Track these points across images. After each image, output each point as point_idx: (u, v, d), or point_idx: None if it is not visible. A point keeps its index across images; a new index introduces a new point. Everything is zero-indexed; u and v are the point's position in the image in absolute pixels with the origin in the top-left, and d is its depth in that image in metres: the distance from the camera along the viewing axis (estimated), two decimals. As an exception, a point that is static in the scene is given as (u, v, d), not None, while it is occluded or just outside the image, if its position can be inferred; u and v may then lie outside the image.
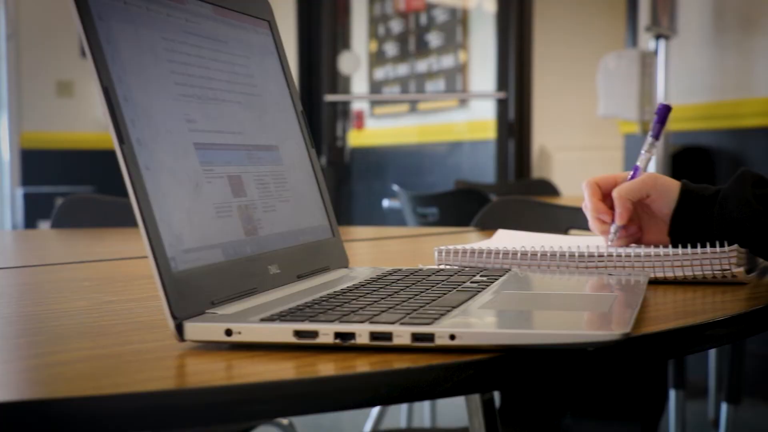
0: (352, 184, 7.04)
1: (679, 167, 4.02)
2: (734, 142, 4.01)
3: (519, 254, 1.02)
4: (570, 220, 1.79)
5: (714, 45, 4.10)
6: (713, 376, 3.26)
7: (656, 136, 1.15)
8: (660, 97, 3.95)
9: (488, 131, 5.61)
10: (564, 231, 1.75)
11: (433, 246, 1.09)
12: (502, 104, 5.38)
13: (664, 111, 1.15)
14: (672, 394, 2.68)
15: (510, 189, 4.37)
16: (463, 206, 2.78)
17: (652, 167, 3.91)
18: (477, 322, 0.68)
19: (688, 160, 4.10)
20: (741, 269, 0.97)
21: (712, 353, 3.32)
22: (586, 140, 5.91)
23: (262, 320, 0.67)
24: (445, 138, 6.28)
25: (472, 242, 1.17)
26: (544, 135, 5.87)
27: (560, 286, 0.92)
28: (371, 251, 1.55)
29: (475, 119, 5.95)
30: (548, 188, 4.18)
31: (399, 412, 3.00)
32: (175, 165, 0.72)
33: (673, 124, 4.09)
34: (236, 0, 0.91)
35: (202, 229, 0.73)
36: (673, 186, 1.09)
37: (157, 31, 0.76)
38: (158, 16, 0.77)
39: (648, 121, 3.98)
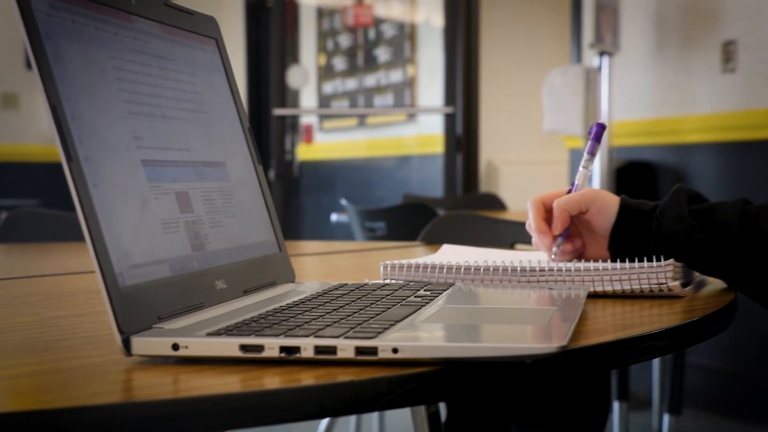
0: (301, 198, 7.05)
1: (622, 182, 4.09)
2: (676, 157, 4.09)
3: (463, 269, 1.04)
4: (515, 234, 1.82)
5: (656, 62, 4.18)
6: (657, 388, 3.31)
7: (592, 153, 1.18)
8: (604, 113, 4.02)
9: (436, 145, 5.65)
10: (509, 245, 1.78)
11: (380, 260, 1.11)
12: (449, 119, 5.42)
13: (599, 129, 1.18)
14: (616, 405, 2.73)
15: (457, 203, 4.41)
16: (410, 220, 2.80)
17: (597, 181, 3.97)
18: (420, 336, 0.70)
19: (632, 174, 4.16)
20: (677, 283, 1.00)
21: (656, 365, 3.37)
22: (533, 155, 5.98)
23: (209, 335, 0.68)
24: (393, 152, 6.31)
25: (418, 256, 1.19)
26: (491, 149, 5.93)
27: (502, 300, 0.94)
28: (319, 266, 1.57)
29: (423, 133, 5.99)
30: (495, 202, 4.23)
31: (348, 424, 3.01)
32: (123, 182, 0.73)
33: (617, 140, 4.16)
34: (184, 18, 0.92)
35: (149, 244, 0.74)
36: (613, 201, 1.11)
37: (105, 49, 0.77)
38: (106, 34, 0.77)
39: (593, 137, 4.03)
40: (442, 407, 1.59)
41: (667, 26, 4.13)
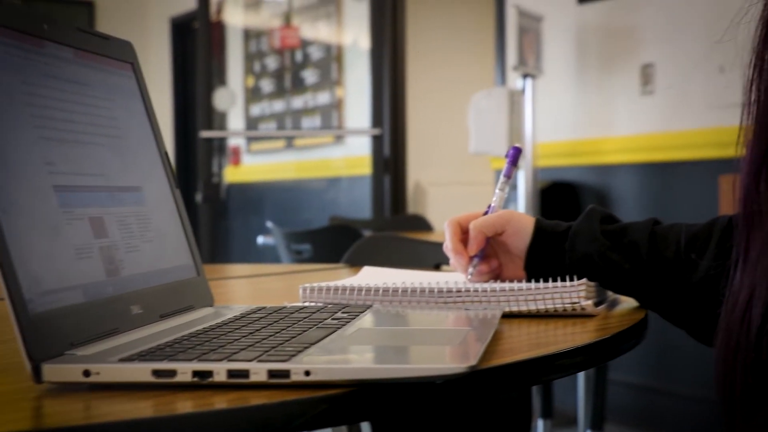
0: (229, 221, 7.01)
1: (547, 202, 4.15)
2: (598, 177, 4.17)
3: (381, 291, 1.05)
4: (438, 255, 1.84)
5: (578, 84, 4.26)
6: (582, 405, 3.36)
7: (508, 176, 1.20)
8: (528, 134, 4.07)
9: (364, 167, 5.67)
10: (433, 266, 1.80)
11: (304, 283, 1.11)
12: (377, 140, 5.45)
13: (515, 153, 1.20)
14: (540, 423, 2.76)
15: (385, 224, 4.43)
16: (336, 242, 2.81)
17: (521, 201, 4.03)
18: (332, 359, 0.71)
19: (556, 194, 4.23)
20: (590, 302, 1.02)
21: (581, 382, 3.42)
22: (460, 176, 6.03)
23: (121, 360, 0.68)
24: (322, 174, 6.31)
25: (341, 278, 1.19)
26: (419, 171, 5.97)
27: (417, 321, 0.95)
28: (243, 289, 1.56)
29: (351, 155, 6.01)
30: (422, 223, 4.26)
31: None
32: (33, 208, 0.72)
33: (541, 160, 4.22)
34: (98, 43, 0.92)
35: (61, 270, 0.74)
36: (528, 223, 1.14)
37: (16, 74, 0.76)
38: (17, 60, 0.77)
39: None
40: (366, 427, 1.60)
41: (588, 49, 4.21)
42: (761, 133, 0.79)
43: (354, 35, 5.95)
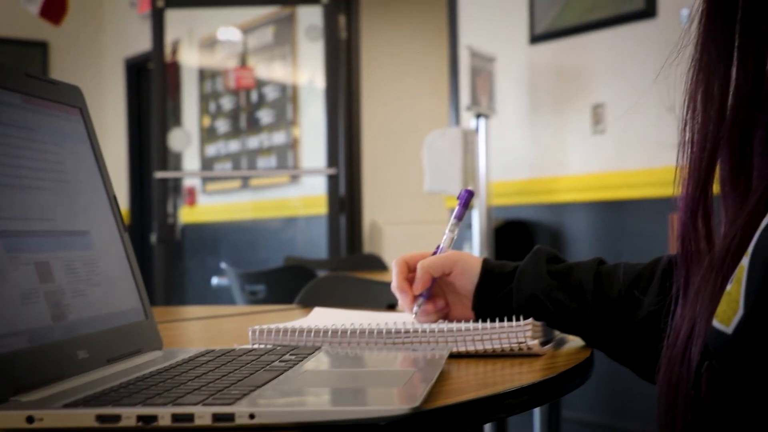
0: (184, 262, 6.96)
1: (501, 240, 4.18)
2: (552, 215, 4.21)
3: (329, 332, 1.06)
4: (392, 295, 1.84)
5: (530, 124, 4.31)
6: (537, 443, 3.37)
7: (459, 218, 1.22)
8: (482, 173, 4.11)
9: (321, 206, 5.68)
10: (386, 306, 1.81)
11: (256, 324, 1.11)
12: (332, 180, 5.46)
13: (467, 196, 1.22)
14: (496, 461, 2.76)
15: (341, 264, 4.43)
16: (291, 283, 2.81)
17: (476, 240, 4.05)
18: (278, 401, 0.71)
19: (510, 233, 4.26)
20: (536, 342, 1.03)
21: (537, 420, 3.44)
22: (415, 215, 6.06)
23: (65, 406, 0.68)
24: (279, 213, 6.31)
25: (293, 320, 1.20)
26: (374, 210, 5.99)
27: (365, 363, 0.96)
28: (195, 331, 1.56)
29: (307, 195, 6.02)
30: (377, 263, 4.27)
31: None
32: (-22, 254, 0.73)
33: (495, 199, 4.26)
34: (47, 89, 0.93)
35: (6, 316, 0.74)
36: (475, 263, 1.15)
37: (-39, 121, 0.77)
38: (-37, 106, 0.77)
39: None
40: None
41: (540, 89, 4.27)
42: (696, 173, 0.81)
43: (309, 75, 5.98)
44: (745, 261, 0.65)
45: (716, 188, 0.83)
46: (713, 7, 0.80)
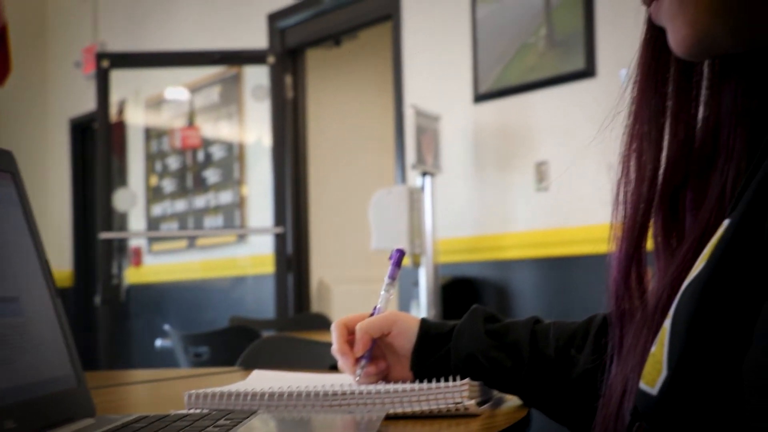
0: (130, 324, 6.87)
1: (448, 298, 4.19)
2: (498, 272, 4.23)
3: (267, 395, 1.05)
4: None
5: (476, 181, 4.35)
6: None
7: (393, 278, 1.22)
8: (428, 231, 4.13)
9: (268, 265, 5.65)
10: (329, 367, 1.79)
11: (196, 388, 1.10)
12: (280, 239, 5.45)
13: (399, 255, 1.22)
14: None
15: (288, 323, 4.41)
16: (235, 344, 2.78)
17: (423, 297, 4.06)
18: (207, 469, 0.70)
19: (457, 290, 4.28)
20: (473, 402, 1.03)
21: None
22: (362, 273, 6.06)
23: (-13, 479, 0.66)
24: (226, 273, 6.27)
25: (234, 382, 1.19)
26: (322, 268, 5.97)
27: (300, 426, 0.95)
28: (132, 396, 1.54)
29: (255, 254, 5.99)
30: (324, 322, 4.25)
31: None
32: None
33: (441, 257, 4.27)
34: (-24, 153, 0.92)
35: (-72, 386, 0.72)
36: (413, 323, 1.15)
37: None
38: None
39: (418, 254, 4.14)
40: None
41: (485, 147, 4.32)
42: (629, 232, 0.82)
43: (256, 134, 5.99)
44: (667, 322, 0.66)
45: (650, 244, 0.84)
46: (646, 74, 0.82)
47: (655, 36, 0.81)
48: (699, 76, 0.81)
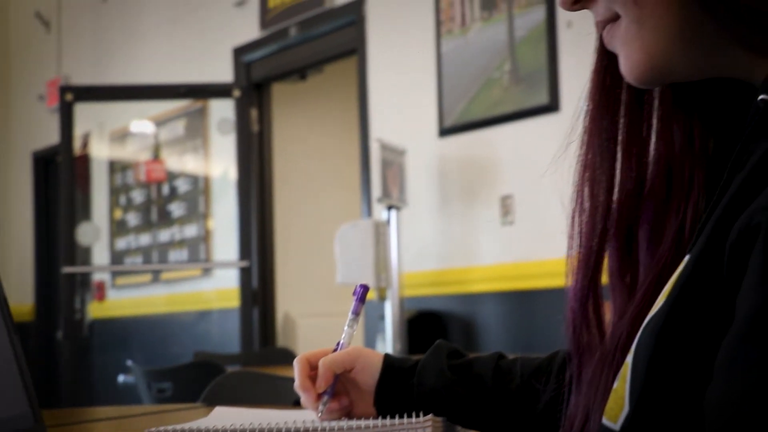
0: (93, 359, 6.78)
1: (414, 331, 4.18)
2: (464, 306, 4.24)
3: (228, 433, 1.04)
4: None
5: (441, 215, 4.36)
6: None
7: (356, 313, 1.21)
8: (394, 265, 4.13)
9: (233, 299, 5.62)
10: (293, 403, 1.78)
11: (157, 425, 1.09)
12: (245, 272, 5.43)
13: (363, 291, 1.22)
14: None
15: (253, 358, 4.37)
16: (199, 379, 2.75)
17: (389, 332, 4.05)
18: None
19: (423, 324, 4.27)
20: (436, 437, 1.03)
21: None
22: (328, 307, 6.03)
23: None
24: (192, 307, 6.22)
25: (196, 419, 1.17)
26: (287, 302, 5.95)
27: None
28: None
29: (220, 288, 5.95)
30: (290, 356, 4.22)
31: None
32: None
33: (407, 290, 4.27)
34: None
35: None
36: (377, 359, 1.15)
37: None
38: None
39: (384, 288, 4.14)
40: None
41: (450, 181, 4.34)
42: (585, 264, 0.82)
43: (222, 167, 5.98)
44: (629, 358, 0.66)
45: (605, 278, 0.84)
46: (597, 104, 0.82)
47: (606, 64, 0.81)
48: (651, 107, 0.81)
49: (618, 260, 0.81)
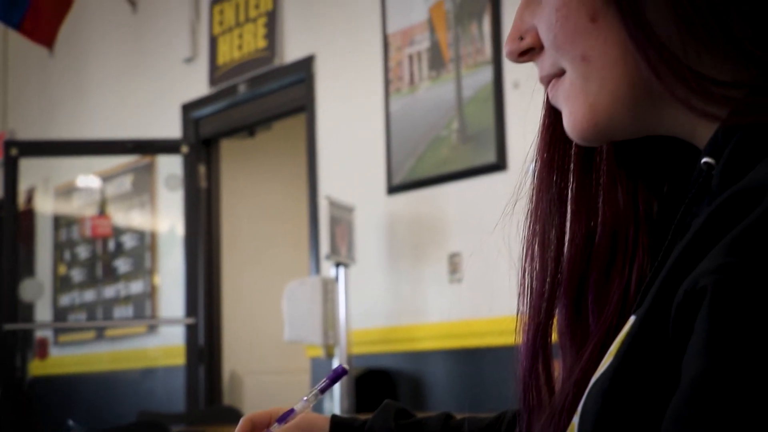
0: (33, 419, 6.63)
1: (362, 390, 4.15)
2: (412, 363, 4.22)
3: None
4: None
5: (390, 272, 4.36)
6: None
7: (322, 391, 1.18)
8: (342, 322, 4.11)
9: (179, 357, 5.54)
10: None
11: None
12: (191, 330, 5.36)
13: (341, 373, 1.18)
14: None
15: (198, 417, 4.31)
16: (143, 439, 2.70)
17: (337, 390, 4.01)
18: None
19: (371, 382, 4.24)
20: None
21: None
22: (276, 364, 5.98)
23: None
24: (136, 365, 6.12)
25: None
26: (234, 360, 5.89)
27: None
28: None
29: (166, 345, 5.87)
30: (236, 415, 4.16)
31: None
32: None
33: (355, 348, 4.25)
34: None
35: None
36: (323, 422, 1.13)
37: None
38: None
39: (332, 345, 4.11)
40: None
41: (398, 239, 4.34)
42: (535, 320, 0.82)
43: (169, 223, 5.93)
44: (575, 419, 0.66)
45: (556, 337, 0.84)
46: (545, 160, 0.83)
47: (553, 120, 0.81)
48: (598, 171, 0.81)
49: (567, 318, 0.81)
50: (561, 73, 0.75)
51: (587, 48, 0.71)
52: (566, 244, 0.82)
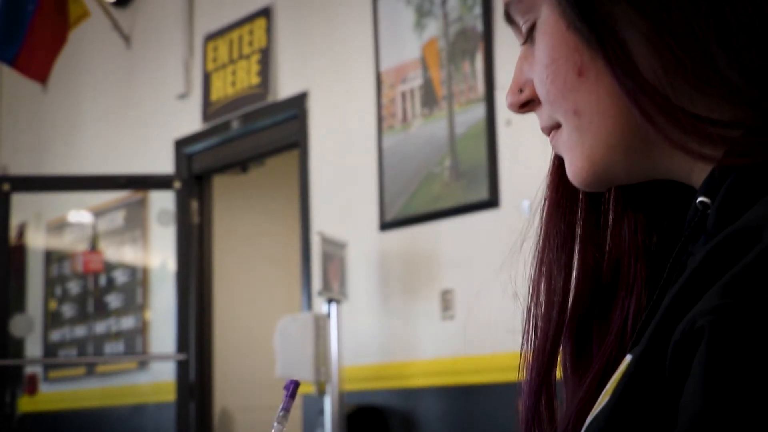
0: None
1: (354, 427, 4.13)
2: (404, 400, 4.21)
3: None
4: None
5: (382, 309, 4.36)
6: None
7: (286, 409, 1.18)
8: (334, 358, 4.09)
9: (170, 393, 5.51)
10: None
11: None
12: (182, 366, 5.33)
13: (293, 386, 1.18)
14: None
15: (189, 454, 4.27)
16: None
17: (328, 427, 3.99)
18: None
19: (363, 419, 4.22)
20: None
21: None
22: (267, 400, 5.94)
23: None
24: (127, 401, 6.08)
25: None
26: (225, 396, 5.86)
27: None
28: None
29: (156, 381, 5.84)
30: (227, 452, 4.14)
31: None
32: None
33: (347, 384, 4.23)
34: None
35: None
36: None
37: None
38: None
39: (324, 382, 4.10)
40: None
41: (391, 275, 4.34)
42: (539, 359, 0.82)
43: (161, 259, 5.92)
44: None
45: (560, 373, 0.85)
46: (555, 199, 0.83)
47: (562, 161, 0.83)
48: (606, 204, 0.82)
49: (572, 355, 0.82)
50: (558, 125, 0.76)
51: (578, 102, 0.72)
52: (573, 282, 0.82)
